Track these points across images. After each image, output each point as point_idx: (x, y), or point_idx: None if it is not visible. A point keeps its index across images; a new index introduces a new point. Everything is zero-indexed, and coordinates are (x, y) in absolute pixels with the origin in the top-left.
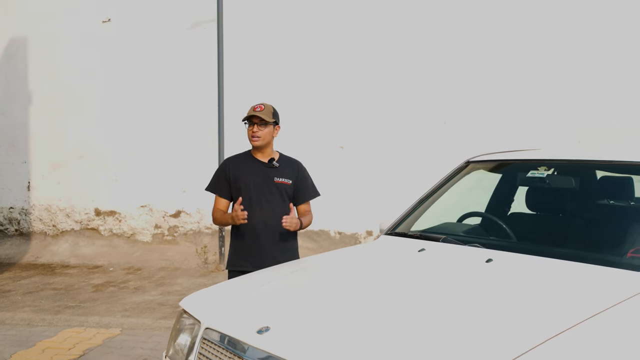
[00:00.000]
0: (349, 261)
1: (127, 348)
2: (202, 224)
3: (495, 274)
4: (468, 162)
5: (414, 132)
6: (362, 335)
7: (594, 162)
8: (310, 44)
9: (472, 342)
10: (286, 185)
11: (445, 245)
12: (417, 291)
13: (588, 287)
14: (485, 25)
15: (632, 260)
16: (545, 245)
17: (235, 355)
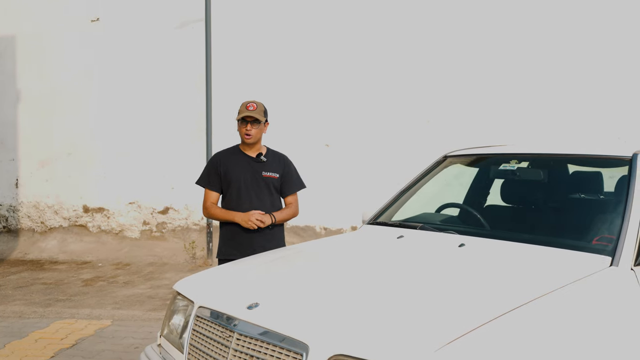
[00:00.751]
0: (333, 247)
1: (118, 338)
2: (190, 220)
3: (467, 257)
4: (446, 156)
5: (398, 130)
6: (342, 309)
7: (562, 156)
8: (297, 44)
9: (433, 315)
10: (273, 179)
11: (423, 232)
12: (393, 271)
13: (556, 267)
14: (466, 28)
15: (597, 246)
16: (516, 232)
17: (227, 329)
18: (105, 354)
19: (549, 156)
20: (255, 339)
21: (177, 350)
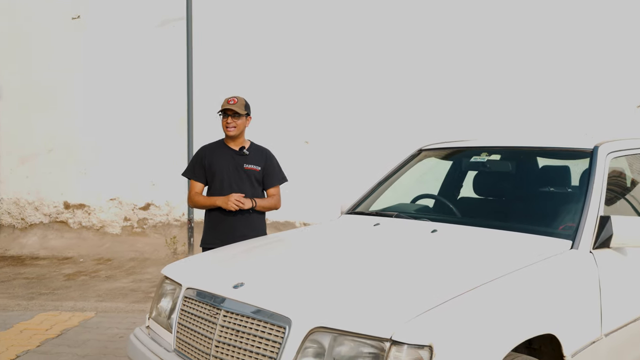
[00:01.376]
0: (314, 234)
1: (103, 328)
2: (171, 216)
3: (439, 241)
4: (420, 150)
5: (375, 127)
6: (321, 286)
7: (528, 148)
8: (277, 43)
9: (406, 290)
10: (255, 172)
11: (398, 220)
12: (369, 254)
13: (522, 249)
14: (435, 28)
15: (560, 231)
16: (486, 219)
17: (214, 307)
18: (91, 343)
19: (516, 149)
20: (241, 315)
21: (166, 330)
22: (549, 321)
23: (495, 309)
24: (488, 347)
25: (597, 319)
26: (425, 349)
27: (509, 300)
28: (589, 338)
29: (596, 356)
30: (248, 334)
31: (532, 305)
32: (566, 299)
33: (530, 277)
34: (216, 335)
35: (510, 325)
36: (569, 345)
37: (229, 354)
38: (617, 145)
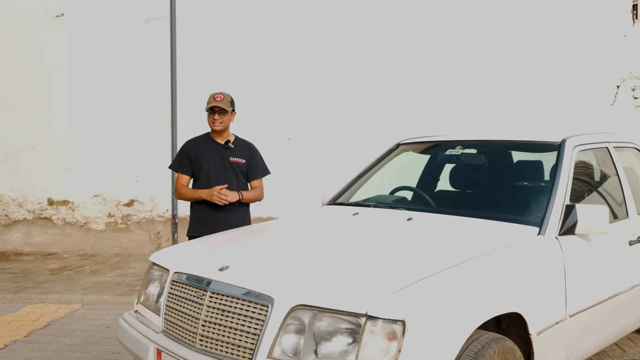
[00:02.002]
0: (296, 222)
1: (89, 319)
2: (155, 212)
3: (414, 228)
4: (399, 144)
5: (356, 125)
6: (302, 268)
7: (500, 142)
8: (260, 42)
9: (382, 271)
10: (240, 164)
11: (376, 210)
12: (348, 239)
13: (492, 235)
14: (415, 32)
15: (528, 219)
16: (459, 208)
17: (200, 289)
18: (78, 333)
19: (489, 142)
20: (227, 296)
21: (154, 313)
22: (515, 301)
23: (465, 288)
24: (457, 323)
25: (562, 300)
26: (399, 324)
27: (478, 281)
28: (554, 318)
29: (561, 335)
30: (233, 313)
31: (499, 286)
32: (532, 281)
33: (497, 260)
34: (202, 315)
35: (478, 303)
36: (535, 324)
37: (215, 332)
38: (583, 139)
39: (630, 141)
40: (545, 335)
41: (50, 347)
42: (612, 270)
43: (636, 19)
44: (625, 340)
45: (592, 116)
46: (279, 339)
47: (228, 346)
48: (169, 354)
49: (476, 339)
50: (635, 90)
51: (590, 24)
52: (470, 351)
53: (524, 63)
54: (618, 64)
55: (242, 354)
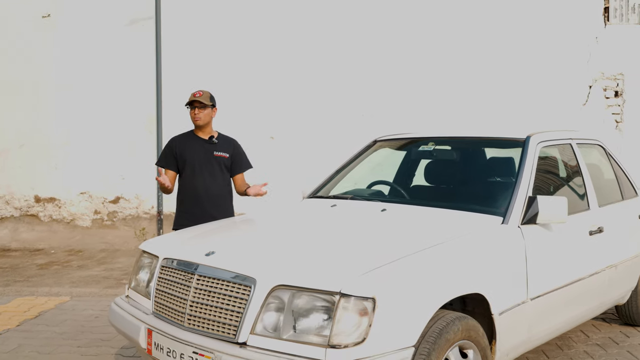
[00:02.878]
0: (277, 213)
1: (78, 310)
2: (141, 209)
3: (387, 217)
4: (375, 140)
5: (337, 124)
6: (283, 252)
7: (470, 138)
8: (244, 43)
9: (357, 254)
10: (224, 159)
11: (352, 202)
12: (326, 227)
13: (459, 223)
14: (393, 32)
15: (493, 209)
16: (431, 200)
17: (188, 273)
18: (68, 323)
19: (459, 138)
20: (213, 278)
21: (144, 297)
22: (478, 283)
23: (431, 270)
24: (424, 301)
25: (524, 284)
26: (369, 301)
27: (443, 264)
28: (516, 301)
29: (522, 317)
30: (219, 294)
31: (463, 269)
32: (495, 266)
33: (462, 246)
34: (190, 297)
35: (444, 283)
36: (497, 305)
37: (202, 312)
38: (547, 136)
39: (595, 138)
40: (507, 316)
41: (41, 336)
42: (572, 257)
43: (607, 22)
44: (590, 326)
45: (566, 115)
46: (260, 316)
47: (214, 324)
48: (159, 332)
49: (442, 317)
50: (607, 90)
51: (564, 26)
52: (436, 327)
53: (500, 64)
54: (590, 64)
55: (227, 331)
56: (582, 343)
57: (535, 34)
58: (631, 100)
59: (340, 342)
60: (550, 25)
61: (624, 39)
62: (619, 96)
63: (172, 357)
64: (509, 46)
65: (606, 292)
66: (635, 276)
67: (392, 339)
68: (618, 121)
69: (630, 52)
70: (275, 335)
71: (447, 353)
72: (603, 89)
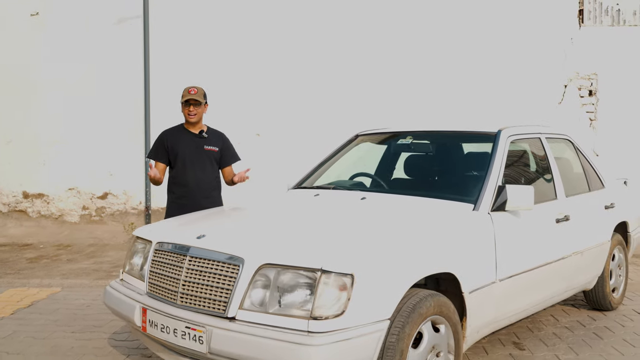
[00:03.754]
0: (264, 202)
1: (70, 299)
2: (129, 204)
3: (366, 204)
4: (357, 135)
5: (321, 121)
6: (268, 235)
7: (445, 132)
8: (230, 42)
9: (336, 235)
10: (214, 152)
11: (334, 191)
12: (309, 213)
13: (434, 209)
14: (379, 31)
15: (465, 197)
16: (409, 189)
17: (181, 255)
18: (60, 311)
19: (435, 132)
20: (204, 259)
21: (139, 280)
22: (449, 263)
23: (405, 250)
24: (399, 277)
25: (493, 266)
26: (348, 277)
27: (417, 245)
28: (485, 281)
29: (491, 296)
30: (209, 273)
31: (435, 250)
32: (465, 249)
33: (435, 229)
34: (183, 276)
35: (417, 263)
36: (467, 285)
37: (193, 290)
38: (517, 130)
39: (563, 133)
40: (477, 295)
41: (36, 323)
42: (539, 243)
43: (582, 24)
44: (559, 311)
45: (543, 113)
46: (248, 292)
47: (205, 301)
48: (154, 310)
49: (415, 294)
50: (582, 89)
51: (541, 28)
52: (410, 303)
53: (480, 64)
54: (566, 65)
55: (217, 307)
56: (552, 326)
57: (513, 35)
58: (604, 99)
59: (322, 314)
60: (527, 27)
61: (598, 40)
62: (593, 95)
63: (166, 332)
64: (488, 46)
65: (572, 276)
66: (601, 263)
67: (370, 312)
68: (592, 119)
69: (604, 52)
70: (262, 310)
71: (421, 327)
72: (578, 88)
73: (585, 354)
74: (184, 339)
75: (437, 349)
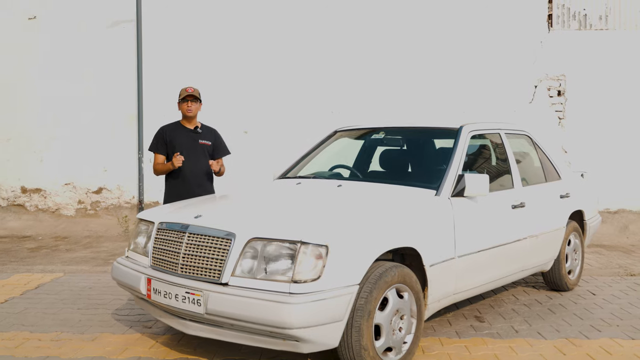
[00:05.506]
0: (251, 189)
1: (73, 283)
2: (122, 199)
3: (342, 190)
4: (336, 131)
5: (308, 120)
6: (256, 214)
7: (413, 128)
8: (219, 43)
9: (316, 214)
10: (207, 146)
11: (315, 180)
12: (291, 197)
13: (401, 194)
14: (363, 33)
15: (428, 184)
16: (381, 178)
17: (180, 232)
18: (65, 292)
19: (405, 128)
20: (201, 235)
21: (143, 256)
22: (411, 239)
23: (373, 227)
24: (367, 249)
25: (452, 244)
26: (323, 248)
27: (383, 222)
28: (445, 257)
29: (450, 271)
30: (205, 246)
31: (399, 228)
32: (427, 227)
33: (400, 210)
34: (182, 250)
35: (383, 237)
36: (428, 259)
37: (191, 261)
38: (477, 126)
39: (522, 130)
40: (437, 268)
41: (44, 301)
42: (496, 226)
43: (551, 27)
44: (520, 292)
45: (514, 112)
46: (239, 262)
47: (202, 270)
48: (157, 279)
49: (382, 265)
50: (551, 89)
51: (512, 31)
52: (377, 272)
53: (456, 65)
54: (536, 66)
55: (213, 275)
56: (512, 303)
57: (487, 39)
58: (572, 99)
59: (301, 278)
60: (500, 31)
61: (566, 43)
62: (561, 95)
63: (168, 298)
64: (463, 49)
65: (528, 258)
66: (556, 247)
67: (342, 277)
68: (561, 118)
69: (572, 55)
70: (251, 276)
71: (386, 293)
72: (547, 89)
73: (538, 325)
74: (184, 303)
75: (400, 313)
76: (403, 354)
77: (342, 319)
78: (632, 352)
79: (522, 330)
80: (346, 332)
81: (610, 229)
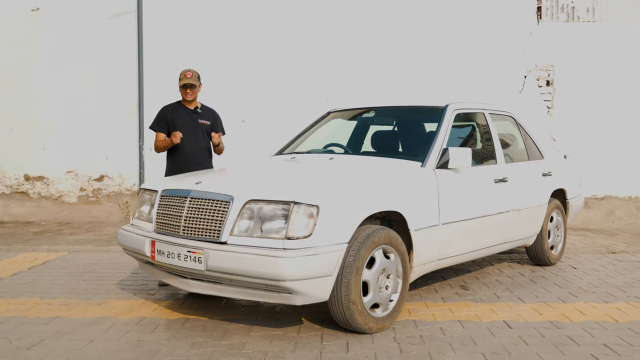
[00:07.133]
0: (249, 163)
1: (78, 260)
2: (123, 186)
3: (333, 162)
4: (329, 112)
5: (303, 108)
6: (253, 180)
7: (401, 107)
8: (219, 34)
9: (309, 180)
10: (206, 125)
11: (308, 154)
12: (286, 167)
13: (390, 166)
14: (359, 23)
15: (415, 157)
16: (371, 152)
17: (182, 197)
18: (71, 267)
19: (394, 107)
20: (201, 199)
21: (147, 222)
22: (397, 204)
23: (361, 190)
24: (356, 210)
25: (436, 212)
26: (314, 207)
27: (371, 187)
28: (429, 223)
29: (434, 236)
30: (205, 209)
31: (386, 192)
32: (412, 195)
33: (386, 178)
34: (184, 213)
35: (371, 200)
36: (413, 223)
37: (193, 223)
38: (462, 105)
39: (507, 111)
40: (422, 233)
41: (52, 274)
42: (479, 198)
43: (540, 19)
44: (505, 266)
45: (504, 101)
46: (237, 222)
47: (202, 231)
48: (161, 241)
49: (370, 227)
50: (540, 80)
51: (503, 23)
52: (365, 232)
53: (449, 56)
54: (525, 57)
55: (212, 234)
56: (496, 275)
57: (479, 30)
58: (560, 89)
59: (294, 235)
60: (491, 22)
61: (554, 34)
62: (550, 85)
63: (171, 257)
64: (455, 40)
65: (510, 230)
66: (539, 222)
67: (332, 236)
68: (549, 107)
69: (560, 46)
70: (248, 235)
71: (374, 252)
72: (536, 79)
73: (519, 292)
74: (186, 261)
75: (387, 272)
76: (390, 311)
77: (332, 274)
78: (605, 312)
79: (503, 297)
80: (336, 287)
81: (597, 214)
